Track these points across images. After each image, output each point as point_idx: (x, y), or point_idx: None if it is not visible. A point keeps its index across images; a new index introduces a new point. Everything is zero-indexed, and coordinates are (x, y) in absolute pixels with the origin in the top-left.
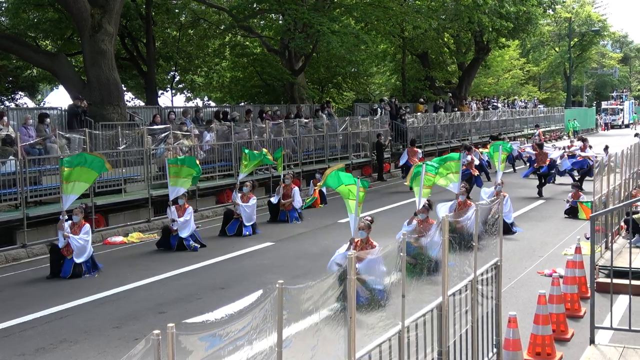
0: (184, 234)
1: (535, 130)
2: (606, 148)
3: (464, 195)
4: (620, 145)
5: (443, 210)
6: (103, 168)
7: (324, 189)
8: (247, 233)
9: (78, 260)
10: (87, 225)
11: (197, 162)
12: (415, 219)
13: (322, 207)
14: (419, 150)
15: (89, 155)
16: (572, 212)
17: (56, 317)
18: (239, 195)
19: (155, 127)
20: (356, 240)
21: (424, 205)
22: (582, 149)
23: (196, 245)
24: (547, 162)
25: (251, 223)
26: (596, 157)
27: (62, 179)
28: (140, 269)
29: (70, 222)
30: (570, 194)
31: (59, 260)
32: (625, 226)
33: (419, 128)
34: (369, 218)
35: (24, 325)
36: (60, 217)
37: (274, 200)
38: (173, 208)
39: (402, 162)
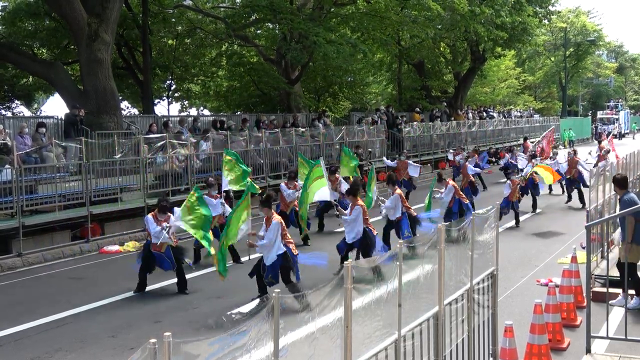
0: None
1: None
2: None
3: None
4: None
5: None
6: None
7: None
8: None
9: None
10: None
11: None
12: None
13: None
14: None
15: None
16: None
17: (51, 326)
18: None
19: (151, 136)
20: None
21: None
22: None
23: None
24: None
25: None
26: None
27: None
28: (136, 278)
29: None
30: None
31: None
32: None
33: (415, 137)
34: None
35: (19, 334)
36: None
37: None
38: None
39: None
